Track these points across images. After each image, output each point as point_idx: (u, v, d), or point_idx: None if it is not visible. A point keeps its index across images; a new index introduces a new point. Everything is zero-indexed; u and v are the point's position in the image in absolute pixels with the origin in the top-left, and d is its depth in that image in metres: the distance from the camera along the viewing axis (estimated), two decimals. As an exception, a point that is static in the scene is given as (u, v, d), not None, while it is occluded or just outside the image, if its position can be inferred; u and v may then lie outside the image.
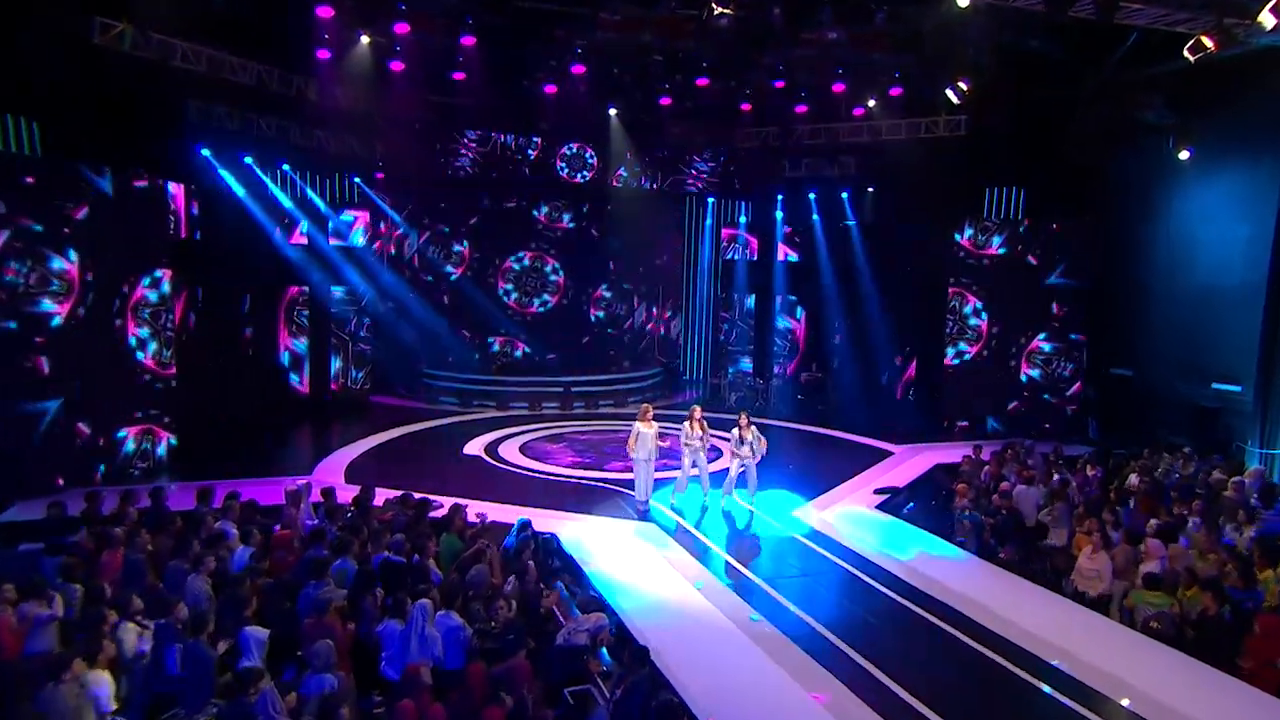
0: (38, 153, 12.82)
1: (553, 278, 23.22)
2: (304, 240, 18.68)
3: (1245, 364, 14.87)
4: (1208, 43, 11.50)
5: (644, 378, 22.17)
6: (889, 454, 16.32)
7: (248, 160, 17.43)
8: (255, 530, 8.03)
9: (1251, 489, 11.81)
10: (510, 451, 15.87)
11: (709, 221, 23.78)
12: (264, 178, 17.99)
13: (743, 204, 23.44)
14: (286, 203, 18.50)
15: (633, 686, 5.62)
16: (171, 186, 14.79)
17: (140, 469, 13.19)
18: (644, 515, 11.94)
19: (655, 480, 12.56)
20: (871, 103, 17.49)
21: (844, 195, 21.10)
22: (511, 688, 5.44)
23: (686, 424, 12.53)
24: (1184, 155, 16.13)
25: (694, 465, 12.58)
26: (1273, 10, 10.52)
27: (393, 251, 22.07)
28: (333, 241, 19.18)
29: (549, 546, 9.47)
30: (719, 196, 23.10)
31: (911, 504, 12.93)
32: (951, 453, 15.76)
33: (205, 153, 16.35)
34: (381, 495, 10.55)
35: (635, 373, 22.29)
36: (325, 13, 13.37)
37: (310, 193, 19.33)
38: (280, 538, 8.18)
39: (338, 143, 19.65)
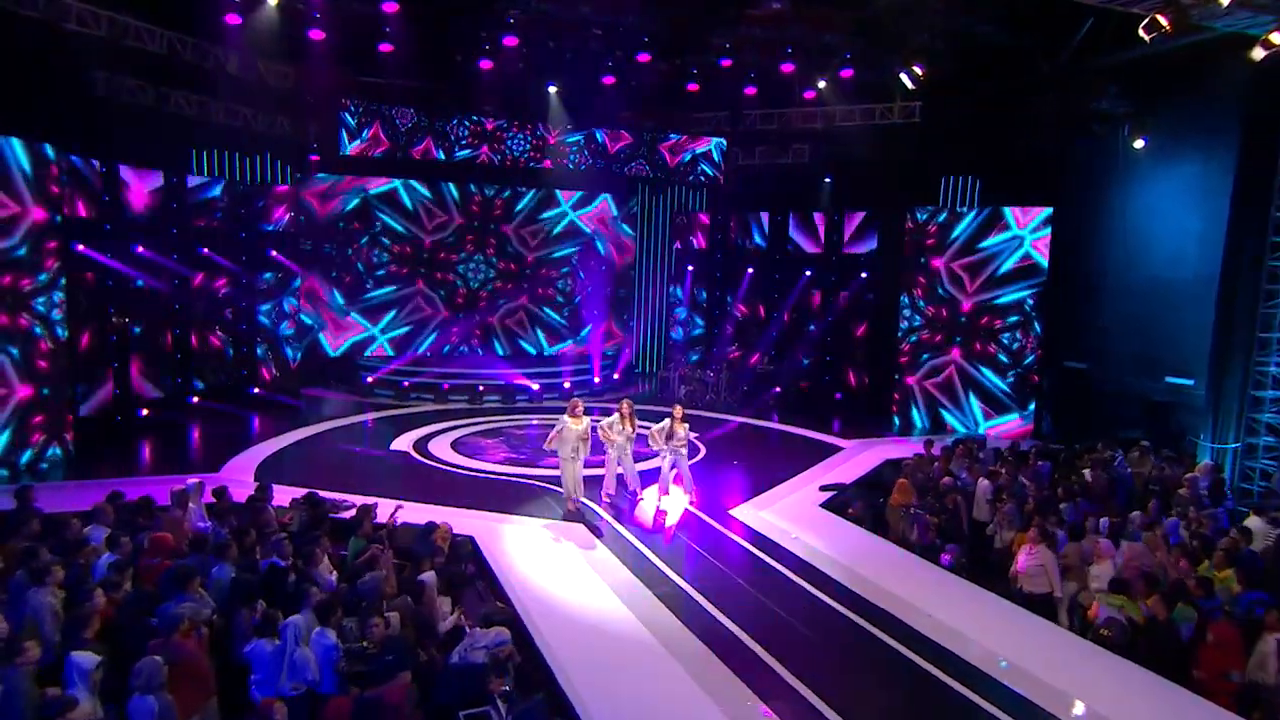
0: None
1: (495, 266, 22.45)
2: (226, 224, 17.76)
3: (1198, 358, 14.80)
4: (1163, 22, 11.22)
5: (591, 370, 21.59)
6: (838, 449, 15.96)
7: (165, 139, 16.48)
8: (125, 537, 7.24)
9: (1201, 485, 11.65)
10: (441, 447, 15.15)
11: (660, 211, 23.23)
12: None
13: (692, 191, 22.89)
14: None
15: (523, 715, 5.05)
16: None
17: (42, 469, 12.32)
18: (570, 515, 11.31)
19: (586, 477, 11.89)
20: (822, 84, 16.99)
21: (799, 184, 20.69)
22: (383, 717, 4.81)
23: (615, 418, 11.92)
24: (1139, 144, 16.02)
25: (619, 463, 11.99)
26: (1229, -13, 10.30)
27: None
28: (262, 226, 18.30)
29: (461, 551, 8.81)
30: (668, 183, 22.52)
31: (856, 501, 12.47)
32: (903, 448, 15.46)
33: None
34: (290, 495, 9.88)
35: (582, 365, 21.69)
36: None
37: (233, 174, 18.41)
38: (155, 543, 7.41)
39: (266, 122, 18.75)
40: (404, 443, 15.36)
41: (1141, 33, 11.49)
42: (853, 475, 14.09)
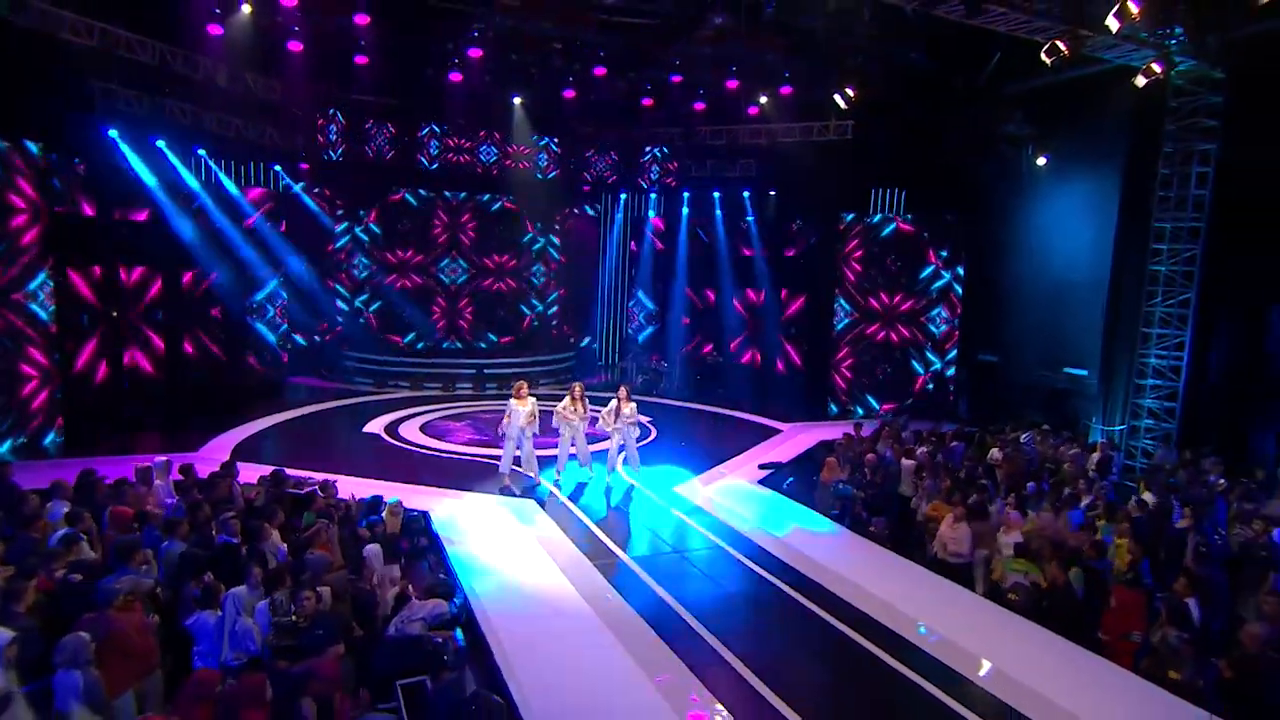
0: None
1: (466, 266, 21.70)
2: (219, 225, 16.86)
3: (1091, 351, 14.87)
4: (1061, 47, 11.08)
5: (558, 360, 21.02)
6: (777, 431, 15.62)
7: (160, 144, 15.55)
8: (86, 512, 6.55)
9: (1093, 461, 11.54)
10: (410, 430, 14.44)
11: (619, 215, 22.67)
12: (175, 163, 16.12)
13: (650, 198, 22.39)
14: (193, 184, 16.50)
15: (443, 688, 4.53)
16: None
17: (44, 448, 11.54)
18: (505, 490, 10.71)
19: (539, 457, 11.38)
20: (764, 99, 16.55)
21: (745, 194, 20.33)
22: (306, 691, 4.24)
23: (566, 399, 11.37)
24: (1041, 161, 15.99)
25: (573, 442, 11.44)
26: (1115, 15, 10.19)
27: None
28: (251, 227, 17.42)
29: (415, 525, 8.21)
30: (628, 192, 21.99)
31: (791, 479, 12.12)
32: (837, 431, 15.14)
33: (113, 134, 14.40)
34: (261, 473, 9.19)
35: (549, 355, 21.09)
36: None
37: (224, 180, 17.48)
38: (114, 518, 6.71)
39: (256, 132, 17.87)
40: (376, 426, 14.64)
41: (1044, 56, 11.33)
42: (789, 455, 13.75)
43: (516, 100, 17.08)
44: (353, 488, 8.90)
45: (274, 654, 4.94)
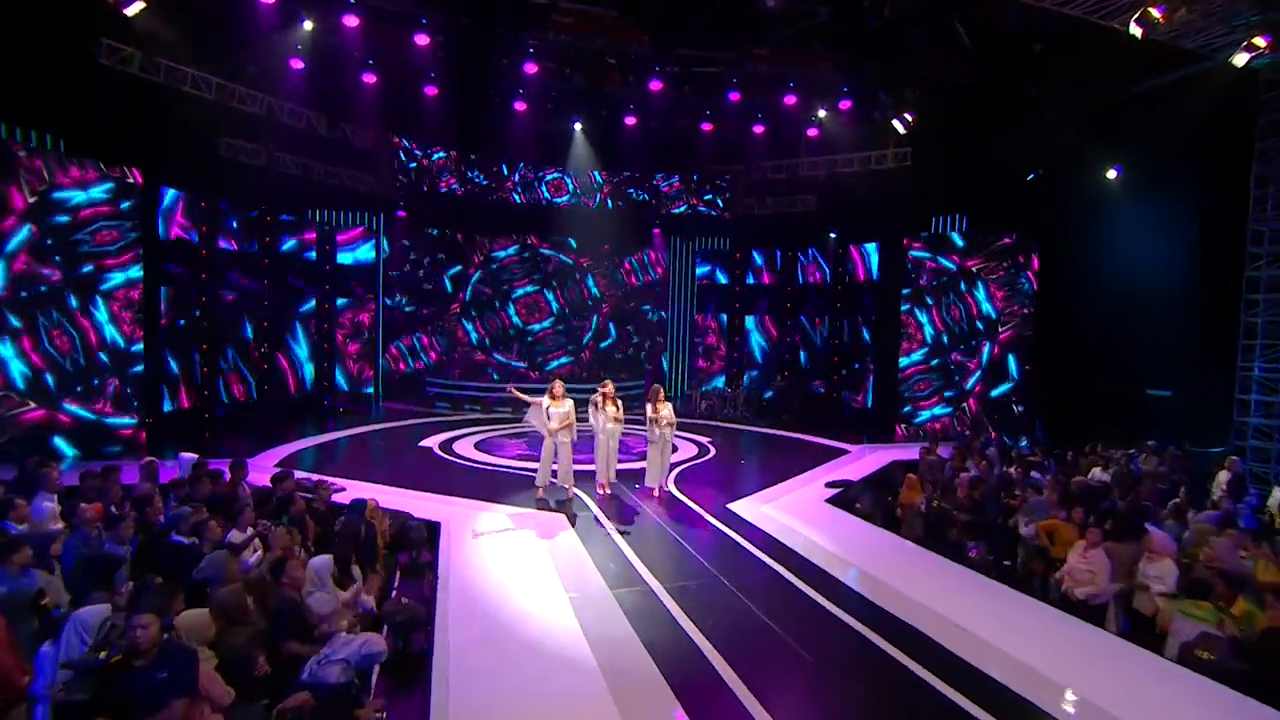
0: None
1: (548, 300, 20.10)
2: (320, 259, 15.97)
3: (1173, 370, 12.44)
4: (1155, 13, 8.58)
5: (628, 387, 18.97)
6: (845, 452, 13.04)
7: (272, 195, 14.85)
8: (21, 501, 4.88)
9: (1221, 482, 8.60)
10: (464, 445, 12.56)
11: (685, 249, 20.72)
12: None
13: (715, 233, 20.35)
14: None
15: None
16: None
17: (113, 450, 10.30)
18: (543, 502, 8.56)
19: (577, 471, 9.12)
20: (822, 113, 14.26)
21: (806, 227, 18.06)
22: None
23: (599, 399, 8.94)
24: (1111, 174, 13.30)
25: (609, 451, 8.99)
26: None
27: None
28: (350, 263, 16.48)
29: (415, 537, 6.15)
30: (694, 226, 19.99)
31: (865, 496, 9.51)
32: (908, 451, 12.47)
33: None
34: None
35: (619, 381, 19.03)
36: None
37: (331, 226, 16.67)
38: (82, 514, 5.00)
39: (356, 181, 17.06)
40: (432, 441, 12.84)
41: (1133, 27, 8.82)
42: (859, 474, 11.13)
43: (577, 126, 15.21)
44: (377, 496, 6.97)
45: (57, 711, 2.88)
